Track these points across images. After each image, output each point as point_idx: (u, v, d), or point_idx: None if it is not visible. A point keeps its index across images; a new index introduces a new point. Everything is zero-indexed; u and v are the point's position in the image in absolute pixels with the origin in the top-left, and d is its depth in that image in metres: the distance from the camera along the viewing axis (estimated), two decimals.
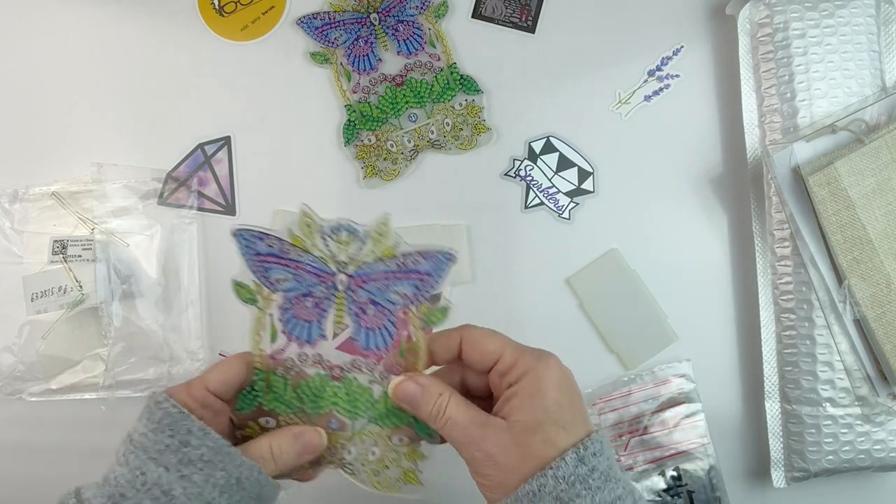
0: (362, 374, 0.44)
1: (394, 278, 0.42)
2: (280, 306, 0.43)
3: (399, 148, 0.60)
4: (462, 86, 0.60)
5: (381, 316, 0.43)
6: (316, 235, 0.42)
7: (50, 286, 0.58)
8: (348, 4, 0.61)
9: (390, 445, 0.45)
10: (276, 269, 0.42)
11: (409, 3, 0.61)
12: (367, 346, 0.43)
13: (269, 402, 0.44)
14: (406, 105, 0.60)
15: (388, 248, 0.41)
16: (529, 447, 0.36)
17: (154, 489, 0.36)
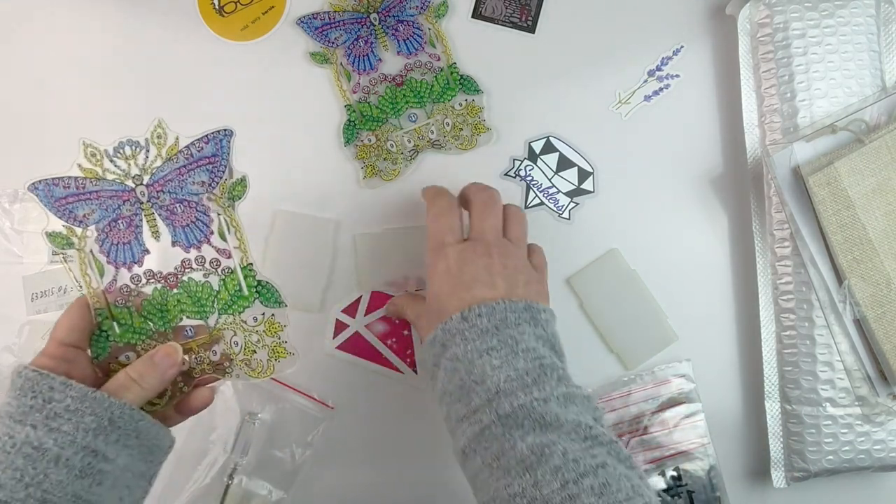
0: (195, 271, 0.46)
1: (186, 171, 0.44)
2: (96, 239, 0.44)
3: (399, 148, 0.60)
4: (462, 86, 0.60)
5: (189, 210, 0.45)
6: (104, 161, 0.44)
7: (50, 286, 0.58)
8: (348, 4, 0.61)
9: (248, 328, 0.46)
10: (80, 206, 0.44)
11: (409, 2, 0.61)
12: (189, 243, 0.45)
13: (121, 337, 0.45)
14: (406, 105, 0.60)
15: (171, 146, 0.44)
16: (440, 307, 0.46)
17: (24, 447, 0.37)
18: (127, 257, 0.45)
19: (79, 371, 0.42)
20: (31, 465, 0.37)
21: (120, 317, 0.45)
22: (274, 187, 0.61)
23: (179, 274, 0.45)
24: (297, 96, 0.61)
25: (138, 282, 0.45)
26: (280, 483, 0.59)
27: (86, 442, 0.38)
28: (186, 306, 0.46)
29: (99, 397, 0.39)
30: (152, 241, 0.45)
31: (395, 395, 0.59)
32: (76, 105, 0.62)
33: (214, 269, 0.46)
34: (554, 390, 0.40)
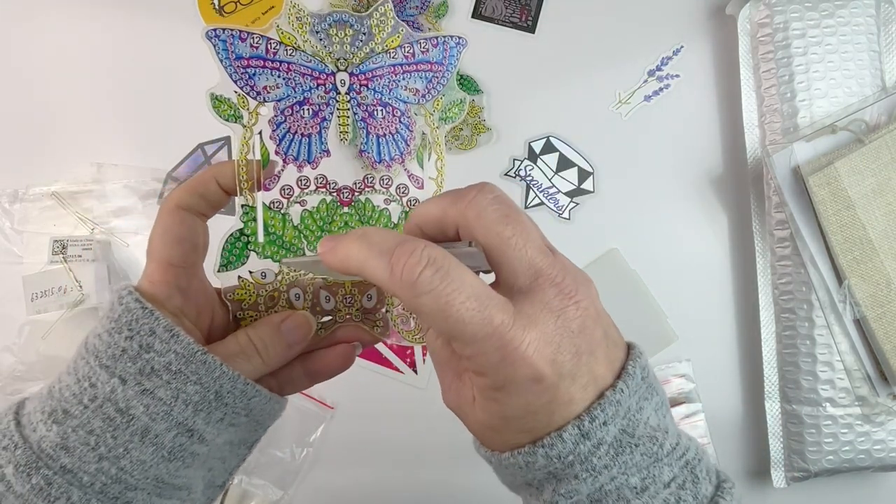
0: (377, 193, 0.36)
1: (402, 72, 0.35)
2: (271, 120, 0.35)
3: None
4: (462, 86, 0.60)
5: (392, 118, 0.36)
6: (307, 30, 0.34)
7: (50, 286, 0.58)
8: (348, 4, 0.61)
9: None
10: (264, 75, 0.35)
11: (409, 2, 0.61)
12: (380, 157, 0.36)
13: (264, 249, 0.36)
14: None
15: (392, 37, 0.35)
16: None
17: (107, 406, 0.28)
18: (302, 153, 0.35)
19: (186, 306, 0.32)
20: (111, 434, 0.28)
21: (270, 223, 0.35)
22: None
23: (357, 191, 0.36)
24: None
25: (305, 185, 0.35)
26: (280, 483, 0.59)
27: (183, 417, 0.29)
28: None
29: (210, 363, 0.30)
30: (336, 142, 0.35)
31: (395, 395, 0.59)
32: (76, 105, 0.62)
33: (400, 196, 0.36)
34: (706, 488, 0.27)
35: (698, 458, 0.28)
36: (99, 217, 0.59)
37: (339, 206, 0.36)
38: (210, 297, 0.34)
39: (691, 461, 0.27)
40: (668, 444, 0.27)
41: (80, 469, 0.28)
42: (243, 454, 0.35)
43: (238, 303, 0.35)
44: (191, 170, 0.61)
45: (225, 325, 0.34)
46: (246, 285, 0.35)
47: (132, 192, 0.60)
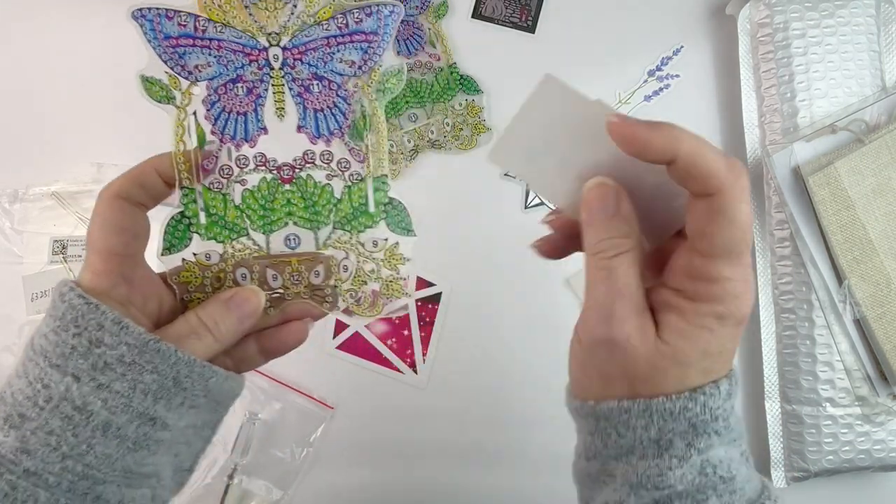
0: (317, 168, 0.36)
1: (336, 44, 0.35)
2: (205, 100, 0.35)
3: (399, 148, 0.60)
4: (462, 86, 0.60)
5: (328, 92, 0.35)
6: (236, 4, 0.34)
7: (50, 286, 0.58)
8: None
9: (365, 253, 0.36)
10: (194, 53, 0.34)
11: (409, 2, 0.61)
12: (319, 132, 0.36)
13: (207, 230, 0.35)
14: (406, 105, 0.60)
15: (324, 7, 0.34)
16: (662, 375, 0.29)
17: (63, 405, 0.28)
18: (238, 132, 0.35)
19: (131, 294, 0.32)
20: (72, 432, 0.28)
21: (211, 204, 0.35)
22: None
23: (297, 168, 0.36)
24: None
25: (244, 165, 0.35)
26: (280, 483, 0.59)
27: (143, 407, 0.29)
28: (296, 209, 0.36)
29: (164, 350, 0.29)
30: (274, 120, 0.35)
31: (394, 395, 0.59)
32: (76, 105, 0.62)
33: (341, 171, 0.36)
34: None
35: None
36: None
37: (281, 183, 0.36)
38: (156, 284, 0.34)
39: None
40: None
41: (44, 470, 0.28)
42: (207, 436, 0.35)
43: (184, 285, 0.35)
44: None
45: (173, 310, 0.34)
46: (191, 268, 0.35)
47: None
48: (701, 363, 0.29)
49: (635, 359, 0.29)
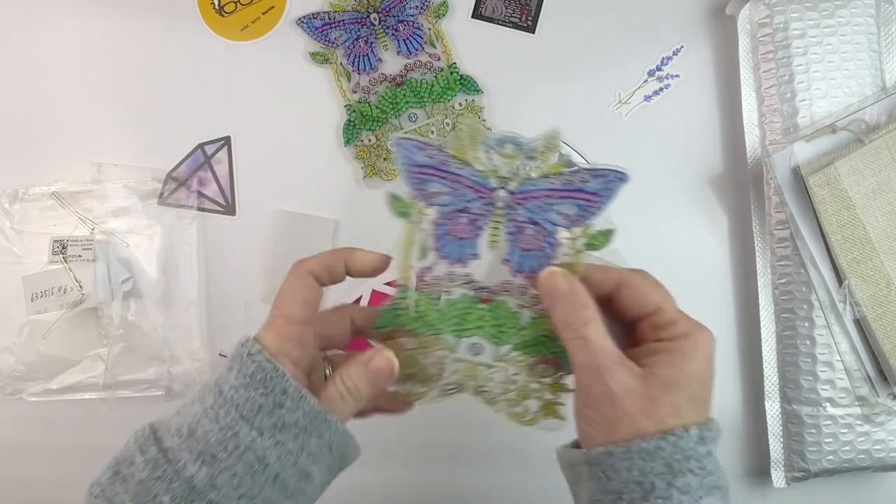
0: (512, 297, 0.41)
1: (557, 197, 0.39)
2: (434, 222, 0.41)
3: None
4: (462, 86, 0.60)
5: (539, 237, 0.40)
6: (479, 147, 0.39)
7: (50, 286, 0.58)
8: (348, 4, 0.61)
9: (535, 375, 0.42)
10: (434, 182, 0.40)
11: (410, 2, 0.61)
12: (521, 268, 0.40)
13: (410, 322, 0.41)
14: (406, 105, 0.60)
15: (555, 164, 0.39)
16: (656, 404, 0.34)
17: (248, 454, 0.34)
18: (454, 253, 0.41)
19: (302, 357, 0.37)
20: (250, 477, 0.34)
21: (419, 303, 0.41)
22: (273, 187, 0.61)
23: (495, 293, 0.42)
24: (297, 96, 0.61)
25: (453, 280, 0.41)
26: None
27: (305, 465, 0.35)
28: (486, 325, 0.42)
29: (329, 421, 0.36)
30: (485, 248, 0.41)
31: None
32: (76, 105, 0.62)
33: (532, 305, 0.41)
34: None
35: None
36: (99, 217, 0.59)
37: (478, 302, 0.41)
38: (313, 348, 0.39)
39: None
40: None
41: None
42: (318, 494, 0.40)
43: None
44: (190, 169, 0.61)
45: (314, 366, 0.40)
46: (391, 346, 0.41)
47: (132, 192, 0.60)
48: (689, 388, 0.34)
49: (632, 395, 0.34)
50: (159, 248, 0.60)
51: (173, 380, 0.59)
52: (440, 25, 0.61)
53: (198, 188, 0.61)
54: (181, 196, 0.61)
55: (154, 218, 0.60)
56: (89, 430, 0.60)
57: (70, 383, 0.59)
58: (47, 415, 0.60)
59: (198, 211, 0.61)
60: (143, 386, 0.59)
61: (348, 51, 0.61)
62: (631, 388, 0.34)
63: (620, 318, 0.39)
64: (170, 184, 0.61)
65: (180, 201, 0.61)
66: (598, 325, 0.36)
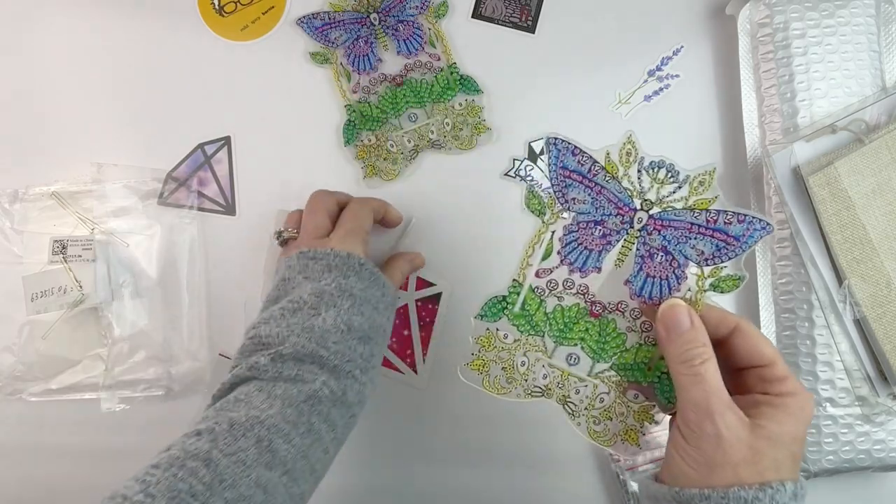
0: (623, 318, 0.42)
1: (697, 232, 0.40)
2: (566, 226, 0.42)
3: (399, 148, 0.60)
4: (462, 86, 0.61)
5: (668, 266, 0.41)
6: (632, 165, 0.41)
7: (50, 286, 0.58)
8: (348, 4, 0.61)
9: (624, 398, 0.43)
10: (577, 188, 0.41)
11: (409, 3, 0.61)
12: (641, 293, 0.41)
13: (516, 319, 0.43)
14: (406, 105, 0.60)
15: (705, 200, 0.40)
16: (759, 456, 0.35)
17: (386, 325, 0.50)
18: (578, 262, 0.43)
19: None
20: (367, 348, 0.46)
21: (528, 301, 0.44)
22: (274, 187, 0.61)
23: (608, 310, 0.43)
24: (297, 96, 0.61)
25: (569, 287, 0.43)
26: None
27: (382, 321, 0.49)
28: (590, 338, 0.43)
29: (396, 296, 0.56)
30: (610, 264, 0.42)
31: (395, 395, 0.59)
32: (76, 105, 0.62)
33: (642, 330, 0.42)
34: None
35: None
36: (99, 217, 0.59)
37: (589, 314, 0.42)
38: None
39: None
40: None
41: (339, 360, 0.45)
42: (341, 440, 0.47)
43: (478, 346, 0.45)
44: (190, 169, 0.61)
45: None
46: (490, 336, 0.44)
47: (132, 192, 0.60)
48: (791, 447, 0.36)
49: (739, 443, 0.35)
50: (159, 248, 0.60)
51: (173, 380, 0.59)
52: (440, 25, 0.61)
53: (198, 188, 0.61)
54: (181, 196, 0.61)
55: (154, 218, 0.60)
56: (89, 431, 0.60)
57: (70, 383, 0.59)
58: (47, 415, 0.60)
59: (198, 211, 0.61)
60: (143, 386, 0.59)
61: (348, 51, 0.61)
62: (739, 435, 0.35)
63: (728, 364, 0.39)
64: (170, 184, 0.61)
65: (180, 201, 0.61)
66: (714, 366, 0.37)
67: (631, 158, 0.41)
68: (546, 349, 0.43)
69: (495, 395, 0.45)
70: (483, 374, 0.46)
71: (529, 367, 0.43)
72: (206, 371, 0.60)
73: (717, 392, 0.36)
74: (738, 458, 0.35)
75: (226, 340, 0.61)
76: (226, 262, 0.61)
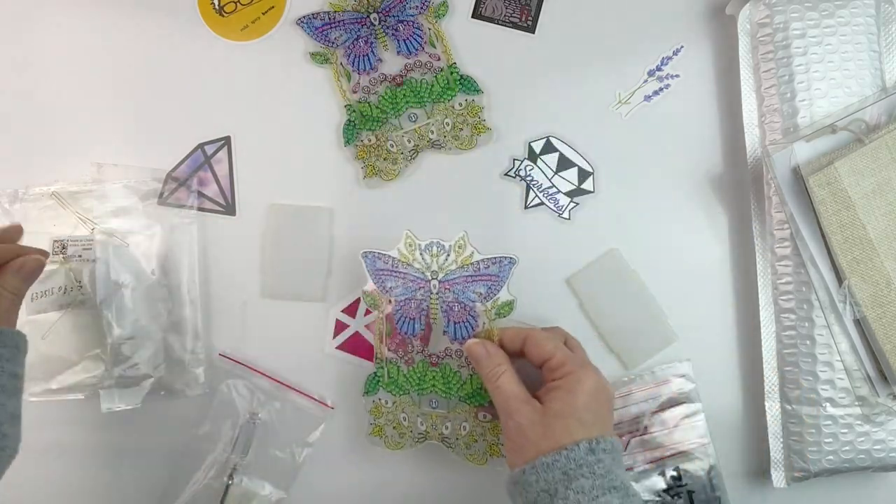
0: (453, 360, 0.55)
1: (471, 281, 0.54)
2: (393, 309, 0.55)
3: (399, 148, 0.60)
4: (462, 86, 0.61)
5: (464, 311, 0.55)
6: (416, 251, 0.55)
7: (50, 286, 0.58)
8: (348, 4, 0.61)
9: (478, 421, 0.55)
10: (390, 279, 0.55)
11: (409, 3, 0.61)
12: (455, 337, 0.55)
13: (387, 386, 0.56)
14: (406, 105, 0.60)
15: (466, 257, 0.55)
16: (552, 430, 0.45)
17: None
18: (409, 329, 0.56)
19: None
20: None
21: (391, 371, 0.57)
22: (274, 188, 0.61)
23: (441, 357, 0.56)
24: (297, 96, 0.61)
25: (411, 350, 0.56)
26: (280, 483, 0.59)
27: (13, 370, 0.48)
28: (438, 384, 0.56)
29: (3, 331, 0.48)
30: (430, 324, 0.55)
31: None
32: (76, 105, 0.62)
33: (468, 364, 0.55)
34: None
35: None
36: (99, 217, 0.59)
37: (430, 366, 0.56)
38: None
39: None
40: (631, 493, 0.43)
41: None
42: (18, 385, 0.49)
43: (372, 416, 0.57)
44: (190, 169, 0.61)
45: None
46: (378, 406, 0.57)
47: (132, 192, 0.60)
48: (577, 415, 0.45)
49: (533, 425, 0.46)
50: (159, 248, 0.60)
51: (173, 380, 0.59)
52: (440, 25, 0.61)
53: (198, 188, 0.61)
54: (181, 196, 0.61)
55: (154, 218, 0.60)
56: (89, 431, 0.60)
57: (70, 383, 0.59)
58: (47, 415, 0.60)
59: (198, 211, 0.61)
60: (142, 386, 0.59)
61: (348, 51, 0.61)
62: (532, 419, 0.46)
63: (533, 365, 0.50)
64: (170, 184, 0.61)
65: (180, 201, 0.61)
66: (509, 377, 0.49)
67: (413, 248, 0.55)
68: (414, 402, 0.56)
69: (397, 451, 0.57)
70: (383, 437, 0.57)
71: (410, 421, 0.56)
72: (206, 371, 0.60)
73: (512, 396, 0.48)
74: (536, 436, 0.45)
75: (225, 340, 0.61)
76: (226, 262, 0.61)
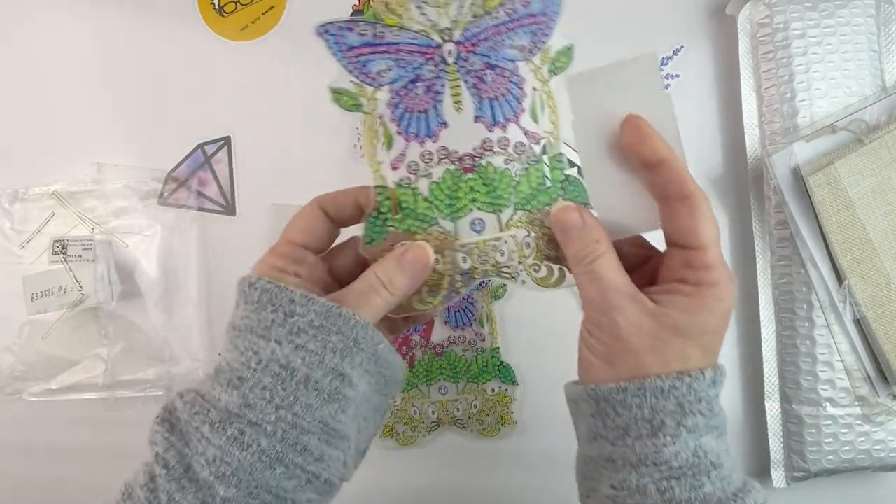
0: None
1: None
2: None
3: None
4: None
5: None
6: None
7: (50, 286, 0.58)
8: (412, 20, 0.37)
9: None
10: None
11: (511, 38, 0.38)
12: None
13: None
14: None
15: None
16: (665, 345, 0.33)
17: (272, 365, 0.34)
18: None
19: (308, 272, 0.38)
20: (281, 385, 0.33)
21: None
22: (274, 187, 0.61)
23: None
24: (297, 96, 0.61)
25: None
26: None
27: (333, 363, 0.34)
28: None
29: (345, 314, 0.34)
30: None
31: None
32: (76, 105, 0.62)
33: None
34: None
35: None
36: (99, 217, 0.59)
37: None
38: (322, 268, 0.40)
39: None
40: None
41: (263, 420, 0.33)
42: (378, 421, 0.40)
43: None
44: (190, 169, 0.61)
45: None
46: None
47: (132, 192, 0.60)
48: (701, 339, 0.33)
49: (640, 333, 0.33)
50: (159, 248, 0.60)
51: (173, 380, 0.59)
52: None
53: (198, 188, 0.61)
54: (181, 196, 0.61)
55: (154, 218, 0.60)
56: (89, 431, 0.60)
57: (70, 383, 0.59)
58: (47, 415, 0.60)
59: (198, 211, 0.61)
60: (143, 386, 0.59)
61: (397, 98, 0.37)
62: (640, 325, 0.33)
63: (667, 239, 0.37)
64: (170, 184, 0.61)
65: (180, 201, 0.61)
66: (609, 259, 0.35)
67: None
68: (424, 393, 0.43)
69: (409, 447, 0.51)
70: (395, 436, 0.51)
71: (421, 412, 0.48)
72: (206, 371, 0.60)
73: (613, 288, 0.34)
74: (639, 346, 0.33)
75: None
76: (226, 262, 0.61)
